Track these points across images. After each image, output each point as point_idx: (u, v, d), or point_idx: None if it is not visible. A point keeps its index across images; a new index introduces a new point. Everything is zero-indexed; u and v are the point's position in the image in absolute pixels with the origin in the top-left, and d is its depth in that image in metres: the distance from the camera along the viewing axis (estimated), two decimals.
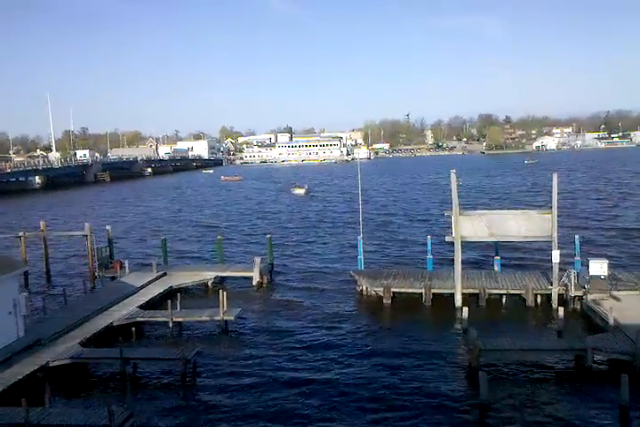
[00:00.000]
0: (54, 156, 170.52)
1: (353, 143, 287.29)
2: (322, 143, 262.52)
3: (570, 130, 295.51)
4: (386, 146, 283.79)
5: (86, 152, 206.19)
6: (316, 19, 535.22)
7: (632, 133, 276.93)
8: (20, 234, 40.51)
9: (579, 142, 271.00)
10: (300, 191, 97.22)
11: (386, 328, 27.93)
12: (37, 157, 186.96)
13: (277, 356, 24.57)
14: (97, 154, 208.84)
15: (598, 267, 28.71)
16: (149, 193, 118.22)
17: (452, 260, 31.00)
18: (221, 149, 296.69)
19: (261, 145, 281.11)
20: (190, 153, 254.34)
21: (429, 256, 35.45)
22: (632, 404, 18.41)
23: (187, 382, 22.14)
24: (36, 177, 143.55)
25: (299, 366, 23.45)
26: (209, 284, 36.16)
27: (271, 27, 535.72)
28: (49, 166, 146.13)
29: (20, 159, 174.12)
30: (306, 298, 33.44)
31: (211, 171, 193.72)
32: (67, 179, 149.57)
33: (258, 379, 22.20)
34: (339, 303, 32.03)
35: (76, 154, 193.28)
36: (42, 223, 42.25)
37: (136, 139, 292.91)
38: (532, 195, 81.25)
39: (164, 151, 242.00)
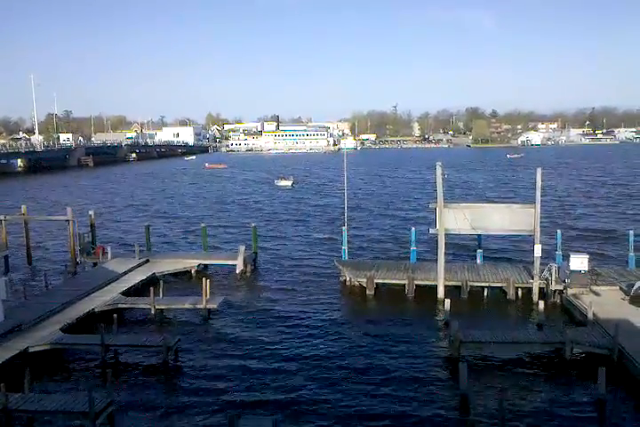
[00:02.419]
0: (37, 139, 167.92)
1: (340, 133, 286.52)
2: (309, 133, 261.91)
3: (555, 125, 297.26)
4: (372, 137, 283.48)
5: (70, 136, 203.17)
6: (305, 7, 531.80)
7: (616, 130, 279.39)
8: (1, 217, 39.96)
9: (563, 138, 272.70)
10: (287, 183, 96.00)
11: (368, 319, 28.00)
12: (20, 139, 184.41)
13: (259, 344, 24.60)
14: (81, 138, 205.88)
15: (579, 262, 29.04)
16: (132, 179, 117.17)
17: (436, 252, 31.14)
18: (207, 136, 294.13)
19: (248, 133, 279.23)
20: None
21: (413, 248, 35.60)
22: (609, 397, 18.73)
23: (168, 369, 22.12)
24: (19, 160, 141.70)
25: (281, 354, 23.50)
26: (192, 271, 36.03)
27: (260, 14, 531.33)
28: (31, 149, 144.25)
29: (2, 141, 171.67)
30: (289, 287, 33.48)
31: (193, 157, 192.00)
32: (49, 162, 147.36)
33: (239, 367, 22.24)
34: (322, 294, 32.09)
35: (59, 137, 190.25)
36: (23, 207, 41.67)
37: (121, 124, 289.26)
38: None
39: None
